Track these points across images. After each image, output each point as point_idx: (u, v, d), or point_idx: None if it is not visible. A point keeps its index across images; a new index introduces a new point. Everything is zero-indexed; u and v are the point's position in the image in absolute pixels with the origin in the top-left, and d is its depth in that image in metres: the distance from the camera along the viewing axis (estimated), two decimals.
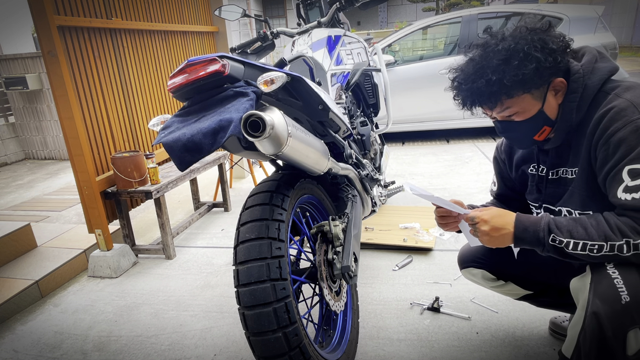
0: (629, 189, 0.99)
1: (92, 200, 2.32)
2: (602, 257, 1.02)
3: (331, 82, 2.00)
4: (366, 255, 2.39)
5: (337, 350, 1.47)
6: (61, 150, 5.53)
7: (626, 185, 1.00)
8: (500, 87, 1.09)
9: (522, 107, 1.14)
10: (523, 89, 1.10)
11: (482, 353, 1.58)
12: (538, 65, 1.06)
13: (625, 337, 0.98)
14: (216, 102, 1.10)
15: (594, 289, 1.04)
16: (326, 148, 1.42)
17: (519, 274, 1.46)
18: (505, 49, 1.08)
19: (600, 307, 1.01)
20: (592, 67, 1.12)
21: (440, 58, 4.68)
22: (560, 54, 1.09)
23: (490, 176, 3.52)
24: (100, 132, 2.42)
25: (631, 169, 0.99)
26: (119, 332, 1.90)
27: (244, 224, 1.23)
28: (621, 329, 0.99)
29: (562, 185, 1.22)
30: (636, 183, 0.98)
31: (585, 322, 1.04)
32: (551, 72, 1.09)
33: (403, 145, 4.92)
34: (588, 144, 1.10)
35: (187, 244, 2.76)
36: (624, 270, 1.01)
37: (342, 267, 1.38)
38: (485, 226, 1.14)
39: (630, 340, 0.99)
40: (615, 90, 1.08)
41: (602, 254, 1.01)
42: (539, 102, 1.13)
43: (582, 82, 1.11)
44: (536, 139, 1.19)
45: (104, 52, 2.45)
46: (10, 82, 5.14)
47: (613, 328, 0.99)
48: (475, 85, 1.11)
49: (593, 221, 1.04)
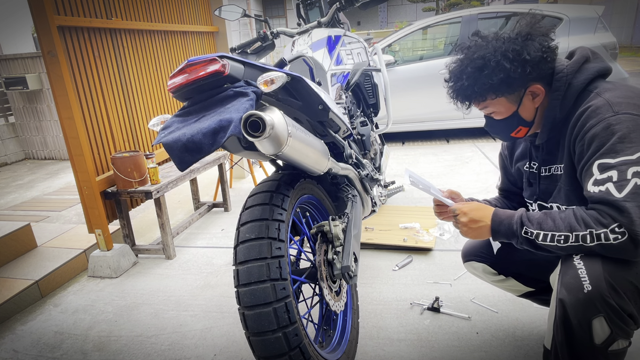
0: (597, 182, 1.04)
1: (92, 200, 2.32)
2: (570, 248, 1.06)
3: (331, 82, 2.00)
4: (366, 255, 2.39)
5: (337, 350, 1.47)
6: (61, 150, 5.53)
7: (595, 178, 1.05)
8: (472, 92, 1.20)
9: (497, 109, 1.24)
10: (495, 94, 1.19)
11: (482, 353, 1.58)
12: (507, 76, 1.15)
13: (590, 326, 1.03)
14: (216, 102, 1.10)
15: (561, 279, 1.10)
16: (326, 148, 1.42)
17: (519, 270, 1.48)
18: (480, 57, 1.17)
19: (565, 296, 1.07)
20: (580, 67, 1.16)
21: (440, 58, 4.68)
22: (536, 64, 1.14)
23: (489, 176, 3.52)
24: (100, 132, 2.42)
25: (600, 163, 1.04)
26: (119, 332, 1.90)
27: (244, 224, 1.23)
28: (585, 318, 1.03)
29: (553, 181, 1.26)
30: (604, 176, 1.03)
31: (555, 312, 1.10)
32: (522, 81, 1.16)
33: (403, 145, 4.92)
34: (568, 140, 1.15)
35: (187, 244, 2.76)
36: (588, 261, 1.05)
37: (342, 267, 1.38)
38: (464, 218, 1.22)
39: (596, 329, 1.03)
40: (598, 89, 1.12)
41: (568, 244, 1.05)
42: (514, 105, 1.22)
43: (565, 81, 1.16)
44: (513, 135, 1.28)
45: (104, 52, 2.45)
46: (10, 82, 5.14)
47: (578, 316, 1.04)
48: (456, 86, 1.24)
49: (562, 214, 1.09)
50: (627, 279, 1.02)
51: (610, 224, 1.00)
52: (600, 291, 1.01)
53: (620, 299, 1.01)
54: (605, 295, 1.01)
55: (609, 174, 1.02)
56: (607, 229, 1.00)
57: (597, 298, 1.01)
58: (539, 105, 1.21)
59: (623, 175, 1.00)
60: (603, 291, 1.01)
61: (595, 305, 1.02)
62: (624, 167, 1.00)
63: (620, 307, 1.01)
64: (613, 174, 1.01)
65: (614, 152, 1.02)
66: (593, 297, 1.02)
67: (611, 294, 1.01)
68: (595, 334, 1.03)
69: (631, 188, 0.98)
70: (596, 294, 1.02)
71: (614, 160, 1.02)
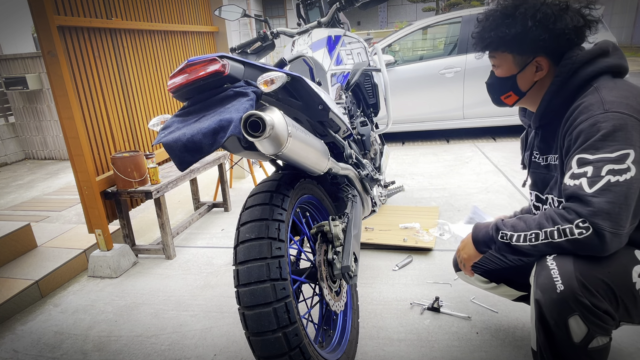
0: (574, 175, 1.05)
1: (92, 200, 2.32)
2: (541, 246, 1.08)
3: (331, 82, 2.00)
4: (366, 255, 2.39)
5: (337, 350, 1.47)
6: (61, 150, 5.53)
7: (572, 172, 1.05)
8: (489, 37, 1.21)
9: (501, 64, 1.25)
10: (505, 47, 1.20)
11: (482, 353, 1.58)
12: (523, 33, 1.14)
13: (567, 325, 1.04)
14: (216, 102, 1.10)
15: (535, 280, 1.11)
16: (326, 148, 1.42)
17: (509, 276, 1.51)
18: (512, 5, 1.17)
19: (540, 297, 1.08)
20: (592, 58, 1.15)
21: (440, 58, 4.68)
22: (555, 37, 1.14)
23: (489, 176, 3.52)
24: (100, 132, 2.42)
25: (579, 158, 1.04)
26: (119, 332, 1.90)
27: (244, 224, 1.23)
28: (561, 317, 1.05)
29: (550, 171, 1.27)
30: (580, 171, 1.03)
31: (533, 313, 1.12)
32: (534, 46, 1.16)
33: (403, 145, 4.92)
34: (561, 132, 1.16)
35: (187, 244, 2.76)
36: (560, 261, 1.06)
37: (342, 267, 1.38)
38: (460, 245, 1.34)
39: (573, 328, 1.04)
40: (598, 85, 1.12)
41: (539, 241, 1.07)
42: (517, 68, 1.22)
43: (571, 68, 1.15)
44: (503, 99, 1.30)
45: (104, 52, 2.45)
46: (10, 82, 5.14)
47: (554, 316, 1.06)
48: (480, 25, 1.24)
49: (535, 215, 1.11)
50: (598, 277, 1.03)
51: (575, 219, 1.01)
52: (573, 290, 1.02)
53: (593, 297, 1.02)
54: (577, 294, 1.02)
55: (585, 169, 1.02)
56: (572, 224, 1.01)
57: (570, 297, 1.03)
58: (539, 81, 1.22)
59: (598, 172, 1.00)
60: (575, 290, 1.02)
61: (569, 304, 1.03)
62: (600, 163, 1.00)
63: (593, 305, 1.02)
64: (589, 170, 1.02)
65: (595, 148, 1.02)
66: (566, 296, 1.03)
67: (584, 292, 1.02)
68: (573, 332, 1.04)
69: (602, 184, 0.99)
70: (569, 294, 1.03)
71: (592, 156, 1.02)
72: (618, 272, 1.03)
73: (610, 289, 1.03)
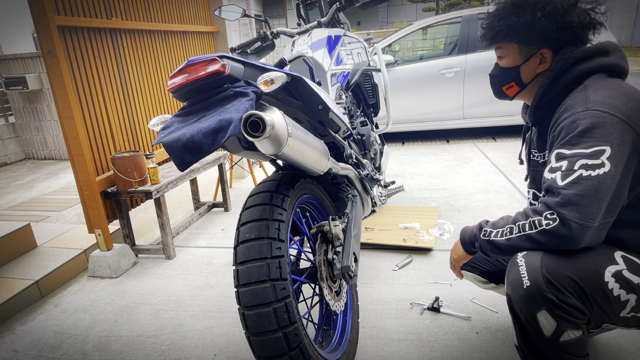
0: (551, 169, 1.07)
1: (92, 200, 2.32)
2: (515, 240, 1.10)
3: (331, 82, 2.00)
4: (366, 255, 2.39)
5: (337, 350, 1.47)
6: (61, 150, 5.53)
7: (550, 166, 1.08)
8: (498, 26, 1.22)
9: (507, 54, 1.26)
10: (512, 36, 1.21)
11: (482, 353, 1.58)
12: (531, 23, 1.17)
13: (536, 320, 1.07)
14: (216, 102, 1.10)
15: (507, 276, 1.15)
16: (326, 148, 1.42)
17: None
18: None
19: (510, 292, 1.13)
20: (588, 55, 1.16)
21: (440, 58, 4.68)
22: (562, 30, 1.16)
23: (489, 176, 3.52)
24: (100, 132, 2.42)
25: (557, 153, 1.07)
26: (119, 332, 1.90)
27: (244, 224, 1.23)
28: (530, 312, 1.08)
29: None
30: (556, 165, 1.06)
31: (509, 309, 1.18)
32: (541, 38, 1.18)
33: (403, 145, 4.92)
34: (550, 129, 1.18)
35: (187, 244, 2.76)
36: (529, 258, 1.09)
37: (342, 267, 1.38)
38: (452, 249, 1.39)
39: (542, 322, 1.07)
40: (588, 83, 1.13)
41: (513, 235, 1.10)
42: (521, 59, 1.24)
43: (564, 64, 1.17)
44: (504, 90, 1.32)
45: (104, 52, 2.45)
46: (10, 82, 5.13)
47: (523, 311, 1.10)
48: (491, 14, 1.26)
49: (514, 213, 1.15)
50: (565, 274, 1.04)
51: (544, 211, 1.04)
52: (538, 286, 1.05)
53: (559, 292, 1.04)
54: (543, 290, 1.05)
55: (561, 163, 1.05)
56: (541, 216, 1.04)
57: (536, 293, 1.06)
58: (540, 74, 1.23)
59: (571, 166, 1.03)
60: (541, 286, 1.05)
61: (536, 299, 1.06)
62: (574, 158, 1.03)
63: (560, 300, 1.04)
64: (564, 164, 1.04)
65: (572, 144, 1.05)
66: (532, 292, 1.06)
67: (549, 288, 1.04)
68: (543, 326, 1.08)
69: (573, 178, 1.01)
70: (534, 289, 1.06)
71: (569, 151, 1.05)
72: (588, 271, 1.04)
73: (578, 286, 1.04)
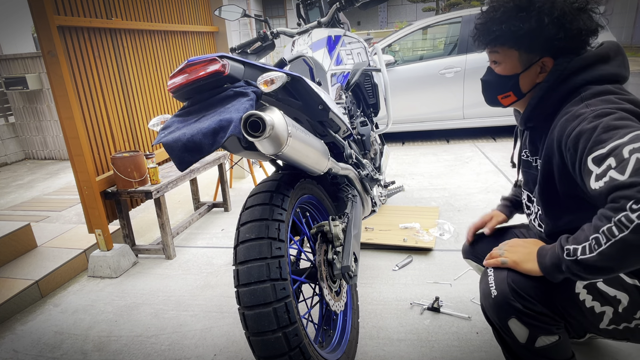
0: (598, 176, 0.95)
1: (92, 200, 2.32)
2: (607, 251, 0.92)
3: (331, 82, 2.00)
4: (366, 255, 2.39)
5: (337, 350, 1.47)
6: (61, 150, 5.53)
7: (595, 174, 0.96)
8: (498, 30, 1.11)
9: (505, 61, 1.16)
10: (513, 42, 1.11)
11: (482, 353, 1.58)
12: (538, 30, 1.06)
13: (508, 327, 1.09)
14: (216, 102, 1.10)
15: (479, 287, 1.19)
16: (326, 148, 1.42)
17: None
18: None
19: (483, 302, 1.15)
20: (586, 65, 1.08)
21: (440, 58, 4.68)
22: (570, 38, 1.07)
23: (489, 176, 3.52)
24: (100, 132, 2.42)
25: (594, 157, 0.95)
26: (119, 332, 1.90)
27: (244, 224, 1.23)
28: (501, 320, 1.10)
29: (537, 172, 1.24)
30: (603, 168, 0.93)
31: None
32: (546, 46, 1.09)
33: (403, 145, 4.92)
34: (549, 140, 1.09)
35: (187, 244, 2.76)
36: (497, 270, 1.13)
37: (342, 267, 1.38)
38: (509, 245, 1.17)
39: (514, 329, 1.09)
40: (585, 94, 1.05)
41: (603, 246, 0.92)
42: (521, 67, 1.15)
43: (560, 75, 1.09)
44: (500, 99, 1.23)
45: (104, 52, 2.45)
46: (10, 82, 5.14)
47: (495, 320, 1.12)
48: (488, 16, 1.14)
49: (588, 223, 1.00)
50: (530, 284, 1.06)
51: (626, 204, 0.89)
52: (504, 295, 1.08)
53: (525, 300, 1.06)
54: (509, 299, 1.07)
55: (606, 163, 0.92)
56: (625, 210, 0.89)
57: (502, 302, 1.08)
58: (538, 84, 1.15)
59: (620, 158, 0.90)
60: (507, 295, 1.07)
61: (503, 308, 1.08)
62: (618, 150, 0.91)
63: (526, 307, 1.06)
64: (611, 162, 0.92)
65: (602, 141, 0.93)
66: (499, 301, 1.09)
67: (515, 297, 1.06)
68: (516, 333, 1.09)
69: (633, 165, 0.88)
70: (501, 298, 1.09)
71: (605, 149, 0.93)
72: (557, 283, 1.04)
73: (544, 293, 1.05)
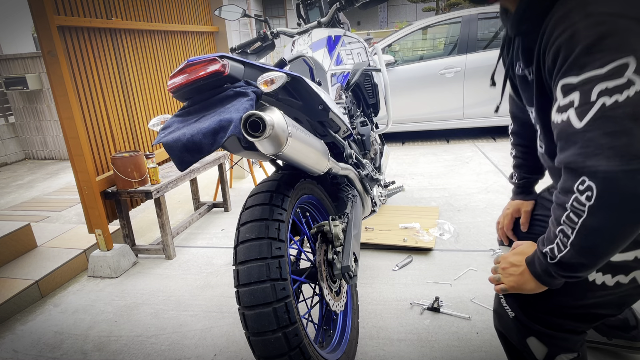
0: (560, 108, 0.81)
1: (92, 200, 2.32)
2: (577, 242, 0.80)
3: (331, 82, 2.00)
4: (366, 255, 2.39)
5: (337, 350, 1.47)
6: (61, 150, 5.53)
7: (558, 104, 0.82)
8: None
9: None
10: None
11: (482, 353, 1.57)
12: None
13: (527, 346, 1.08)
14: (216, 102, 1.10)
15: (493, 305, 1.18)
16: (326, 148, 1.42)
17: None
18: None
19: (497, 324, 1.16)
20: None
21: (440, 58, 4.68)
22: None
23: (489, 176, 3.52)
24: (100, 132, 2.42)
25: (563, 84, 0.80)
26: (119, 332, 1.89)
27: (244, 224, 1.23)
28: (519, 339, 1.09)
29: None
30: (566, 101, 0.79)
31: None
32: None
33: (403, 145, 4.92)
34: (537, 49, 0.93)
35: (187, 244, 2.76)
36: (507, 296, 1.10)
37: (342, 267, 1.38)
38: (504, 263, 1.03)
39: (534, 347, 1.07)
40: None
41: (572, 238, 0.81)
42: None
43: None
44: None
45: (104, 52, 2.45)
46: (10, 82, 5.14)
47: (513, 338, 1.11)
48: None
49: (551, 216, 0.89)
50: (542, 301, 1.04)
51: (573, 182, 0.76)
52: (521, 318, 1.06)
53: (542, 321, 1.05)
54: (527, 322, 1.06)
55: (571, 97, 0.78)
56: (573, 192, 0.77)
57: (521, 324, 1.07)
58: None
59: (586, 97, 0.75)
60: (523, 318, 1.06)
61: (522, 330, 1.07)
62: (587, 85, 0.75)
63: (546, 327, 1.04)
64: (575, 97, 0.77)
65: (578, 67, 0.77)
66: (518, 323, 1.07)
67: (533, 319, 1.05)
68: (535, 351, 1.07)
69: (594, 113, 0.74)
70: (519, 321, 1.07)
71: (577, 78, 0.77)
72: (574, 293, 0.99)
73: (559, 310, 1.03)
